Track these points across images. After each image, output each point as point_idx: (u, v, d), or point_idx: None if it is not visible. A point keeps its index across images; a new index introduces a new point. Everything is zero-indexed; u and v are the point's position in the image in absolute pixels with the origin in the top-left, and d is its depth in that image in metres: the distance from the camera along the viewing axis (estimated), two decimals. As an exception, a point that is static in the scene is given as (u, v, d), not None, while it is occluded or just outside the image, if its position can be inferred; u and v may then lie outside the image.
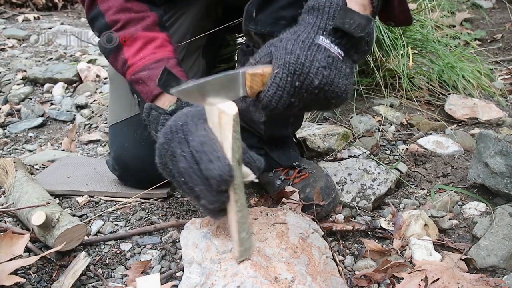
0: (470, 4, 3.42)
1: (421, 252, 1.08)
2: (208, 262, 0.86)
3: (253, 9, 1.10)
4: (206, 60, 1.44)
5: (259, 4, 1.09)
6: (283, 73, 0.76)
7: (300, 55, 0.77)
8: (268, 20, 1.08)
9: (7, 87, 2.29)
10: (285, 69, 0.76)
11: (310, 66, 0.77)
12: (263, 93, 0.79)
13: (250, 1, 1.11)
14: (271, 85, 0.78)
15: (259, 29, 1.10)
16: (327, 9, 0.81)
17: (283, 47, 0.78)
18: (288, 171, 1.26)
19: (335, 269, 0.94)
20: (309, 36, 0.79)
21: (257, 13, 1.09)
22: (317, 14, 0.82)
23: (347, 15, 0.81)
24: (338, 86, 0.79)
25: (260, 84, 0.79)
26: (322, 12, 0.81)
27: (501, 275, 1.03)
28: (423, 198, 1.33)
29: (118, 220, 1.23)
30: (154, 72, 0.99)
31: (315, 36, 0.80)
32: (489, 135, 1.28)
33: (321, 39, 0.79)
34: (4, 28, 3.46)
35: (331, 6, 0.81)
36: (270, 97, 0.78)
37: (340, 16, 0.81)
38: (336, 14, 0.81)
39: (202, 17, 1.38)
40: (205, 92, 0.77)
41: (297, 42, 0.78)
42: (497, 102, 2.00)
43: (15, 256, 0.98)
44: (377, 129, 1.72)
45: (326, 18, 0.81)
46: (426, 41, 2.02)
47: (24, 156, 1.66)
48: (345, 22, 0.80)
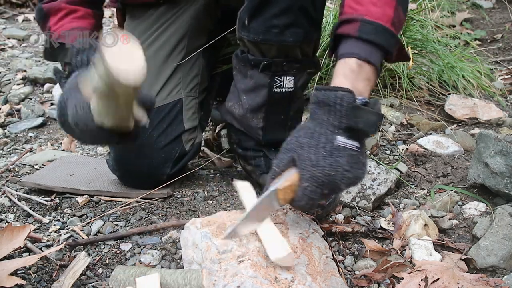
0: (470, 4, 3.42)
1: (421, 252, 1.08)
2: (208, 262, 0.86)
3: (245, 16, 1.10)
4: (206, 60, 1.44)
5: (251, 12, 1.09)
6: (312, 186, 0.82)
7: (326, 167, 0.81)
8: (261, 28, 1.10)
9: (7, 87, 2.29)
10: (313, 182, 0.82)
11: (336, 175, 0.82)
12: (295, 202, 0.86)
13: (243, 7, 1.11)
14: (302, 197, 0.84)
15: (252, 37, 1.11)
16: (338, 107, 0.84)
17: (306, 156, 0.83)
18: (288, 172, 1.27)
19: (335, 269, 0.94)
20: (328, 139, 0.83)
21: (249, 21, 1.11)
22: (328, 110, 0.85)
23: (358, 114, 0.84)
24: (359, 178, 0.86)
25: (290, 192, 0.85)
26: (334, 110, 0.84)
27: (501, 275, 1.03)
28: (423, 198, 1.33)
29: (118, 220, 1.23)
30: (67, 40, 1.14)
31: (332, 136, 0.83)
32: (489, 135, 1.28)
33: (339, 139, 0.83)
34: (4, 28, 3.45)
35: (342, 104, 0.84)
36: (302, 206, 0.85)
37: (352, 115, 0.84)
38: (348, 112, 0.84)
39: (201, 18, 1.37)
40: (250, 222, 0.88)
41: (318, 149, 0.83)
42: (497, 102, 2.00)
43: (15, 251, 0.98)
44: (377, 129, 1.72)
45: (339, 115, 0.84)
46: (426, 41, 2.01)
47: (24, 156, 1.65)
48: (358, 122, 0.84)
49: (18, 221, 1.22)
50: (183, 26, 1.36)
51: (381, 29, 0.91)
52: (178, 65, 1.36)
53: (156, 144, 1.28)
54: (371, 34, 0.90)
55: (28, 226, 1.02)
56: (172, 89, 1.34)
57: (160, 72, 1.34)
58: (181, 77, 1.37)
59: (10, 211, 1.27)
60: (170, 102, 1.32)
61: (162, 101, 1.31)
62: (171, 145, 1.30)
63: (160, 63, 1.34)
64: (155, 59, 1.33)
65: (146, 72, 0.75)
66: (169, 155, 1.30)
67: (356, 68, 0.89)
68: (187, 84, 1.38)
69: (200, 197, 1.34)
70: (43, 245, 1.12)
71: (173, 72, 1.35)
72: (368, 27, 0.91)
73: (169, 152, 1.30)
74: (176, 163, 1.32)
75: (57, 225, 1.20)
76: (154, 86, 1.32)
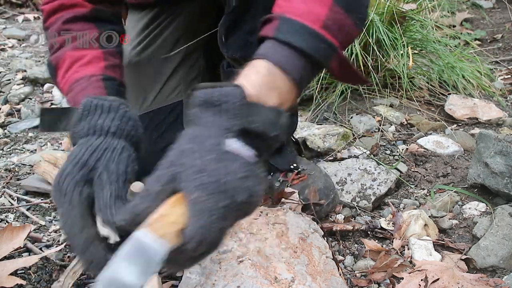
0: (470, 4, 3.41)
1: (421, 252, 1.09)
2: (208, 262, 0.86)
3: (222, 33, 1.05)
4: (206, 61, 1.44)
5: (227, 28, 1.04)
6: (202, 195, 0.59)
7: (214, 171, 0.61)
8: (237, 44, 1.03)
9: (7, 87, 2.29)
10: (203, 190, 0.60)
11: (229, 182, 0.61)
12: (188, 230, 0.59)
13: (221, 20, 1.06)
14: (194, 214, 0.59)
15: (231, 53, 1.06)
16: (225, 106, 0.66)
17: (189, 164, 0.62)
18: (287, 173, 1.26)
19: (335, 269, 0.94)
20: (214, 143, 0.63)
21: (226, 38, 1.05)
22: (214, 112, 0.66)
23: (252, 112, 0.66)
24: (259, 194, 0.64)
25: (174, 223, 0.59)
26: (221, 110, 0.66)
27: (501, 275, 1.03)
28: (423, 198, 1.33)
29: (118, 220, 1.23)
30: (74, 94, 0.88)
31: (220, 140, 0.64)
32: (489, 135, 1.28)
33: (229, 144, 0.64)
34: (4, 28, 3.45)
35: (228, 101, 0.66)
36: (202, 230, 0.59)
37: (245, 114, 0.66)
38: (238, 111, 0.66)
39: (197, 19, 1.37)
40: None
41: (203, 155, 0.62)
42: (497, 102, 2.00)
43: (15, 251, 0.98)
44: (377, 129, 1.72)
45: (228, 116, 0.66)
46: (426, 41, 2.01)
47: (24, 156, 1.65)
48: (253, 121, 0.66)
49: (18, 221, 1.22)
50: (180, 26, 1.36)
51: (301, 28, 0.72)
52: (178, 66, 1.36)
53: (155, 146, 1.28)
54: (287, 34, 0.71)
55: (28, 226, 1.02)
56: (171, 90, 1.34)
57: (159, 73, 1.34)
58: (181, 78, 1.36)
59: (10, 211, 1.27)
60: (169, 104, 1.32)
61: (161, 103, 1.30)
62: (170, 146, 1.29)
63: (159, 64, 1.34)
64: (153, 60, 1.33)
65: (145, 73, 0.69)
66: None
67: (263, 71, 0.70)
68: (187, 85, 1.37)
69: (200, 197, 1.33)
70: (43, 245, 1.11)
71: (172, 73, 1.35)
72: (286, 26, 0.72)
73: None
74: None
75: (57, 225, 1.20)
76: (153, 87, 1.32)
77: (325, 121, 1.76)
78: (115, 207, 0.67)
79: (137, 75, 1.35)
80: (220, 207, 0.60)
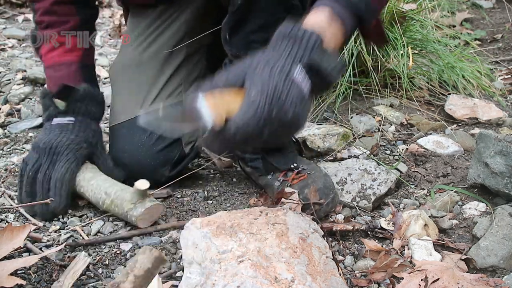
0: (470, 4, 3.41)
1: (421, 252, 1.09)
2: (208, 262, 0.86)
3: (226, 31, 1.10)
4: (208, 61, 1.44)
5: (231, 27, 1.09)
6: (261, 99, 0.72)
7: (277, 86, 0.73)
8: (241, 43, 1.09)
9: (7, 87, 2.29)
10: (263, 95, 0.72)
11: (285, 100, 0.73)
12: (234, 116, 0.72)
13: (225, 19, 1.10)
14: (247, 110, 0.72)
15: (234, 51, 1.11)
16: (305, 41, 0.77)
17: (258, 74, 0.74)
18: (287, 173, 1.26)
19: (335, 269, 0.94)
20: (284, 67, 0.75)
21: (230, 36, 1.10)
22: (293, 42, 0.77)
23: (324, 55, 0.77)
24: (302, 124, 0.78)
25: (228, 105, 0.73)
26: (300, 43, 0.77)
27: (501, 275, 1.03)
28: (423, 198, 1.34)
29: (118, 220, 1.23)
30: (56, 73, 1.24)
31: (290, 67, 0.75)
32: (489, 135, 1.28)
33: (296, 72, 0.75)
34: (4, 28, 3.45)
35: (310, 39, 0.77)
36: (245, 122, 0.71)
37: (318, 54, 0.77)
38: (314, 50, 0.77)
39: (199, 19, 1.37)
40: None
41: (272, 72, 0.74)
42: (497, 102, 2.00)
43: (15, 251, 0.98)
44: (377, 129, 1.72)
45: (303, 49, 0.77)
46: (426, 41, 2.01)
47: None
48: (323, 61, 0.77)
49: (18, 221, 1.22)
50: (182, 26, 1.36)
51: None
52: (179, 66, 1.36)
53: (155, 146, 1.28)
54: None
55: (28, 226, 1.02)
56: (173, 90, 1.34)
57: (161, 72, 1.34)
58: (183, 78, 1.36)
59: (10, 211, 1.27)
60: (171, 104, 1.32)
61: (162, 102, 1.30)
62: (170, 147, 1.30)
63: (160, 64, 1.34)
64: (155, 60, 1.33)
65: (146, 72, 0.75)
66: (168, 157, 1.30)
67: (327, 18, 0.82)
68: (189, 85, 1.37)
69: (200, 197, 1.34)
70: (43, 245, 1.11)
71: (174, 73, 1.35)
72: None
73: (168, 155, 1.30)
74: (175, 166, 1.32)
75: (57, 225, 1.20)
76: (154, 86, 1.32)
77: (325, 121, 1.76)
78: None
79: (138, 74, 1.35)
80: (267, 110, 0.71)
